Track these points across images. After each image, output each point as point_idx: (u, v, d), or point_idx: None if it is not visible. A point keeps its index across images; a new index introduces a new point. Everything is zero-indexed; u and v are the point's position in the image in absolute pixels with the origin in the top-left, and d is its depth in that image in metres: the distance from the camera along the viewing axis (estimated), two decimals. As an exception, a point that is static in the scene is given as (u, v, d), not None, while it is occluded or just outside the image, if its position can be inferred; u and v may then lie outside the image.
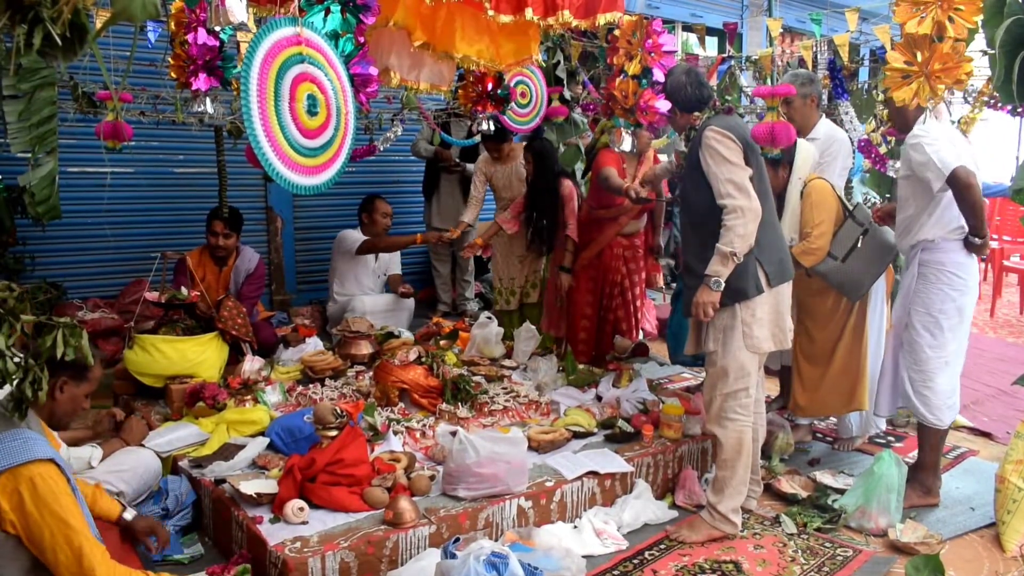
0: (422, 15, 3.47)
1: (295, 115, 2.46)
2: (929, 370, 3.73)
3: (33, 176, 4.34)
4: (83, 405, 2.73)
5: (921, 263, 3.74)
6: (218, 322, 4.62)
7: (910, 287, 3.78)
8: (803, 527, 3.55)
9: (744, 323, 3.35)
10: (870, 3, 7.98)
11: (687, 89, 3.49)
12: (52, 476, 2.34)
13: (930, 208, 3.67)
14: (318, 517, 3.08)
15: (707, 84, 3.58)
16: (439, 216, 6.90)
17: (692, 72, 3.54)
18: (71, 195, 5.65)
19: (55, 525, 2.30)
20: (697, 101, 3.51)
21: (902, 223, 3.83)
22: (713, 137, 3.28)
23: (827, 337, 4.16)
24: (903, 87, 3.38)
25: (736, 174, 3.25)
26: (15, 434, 2.37)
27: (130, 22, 1.45)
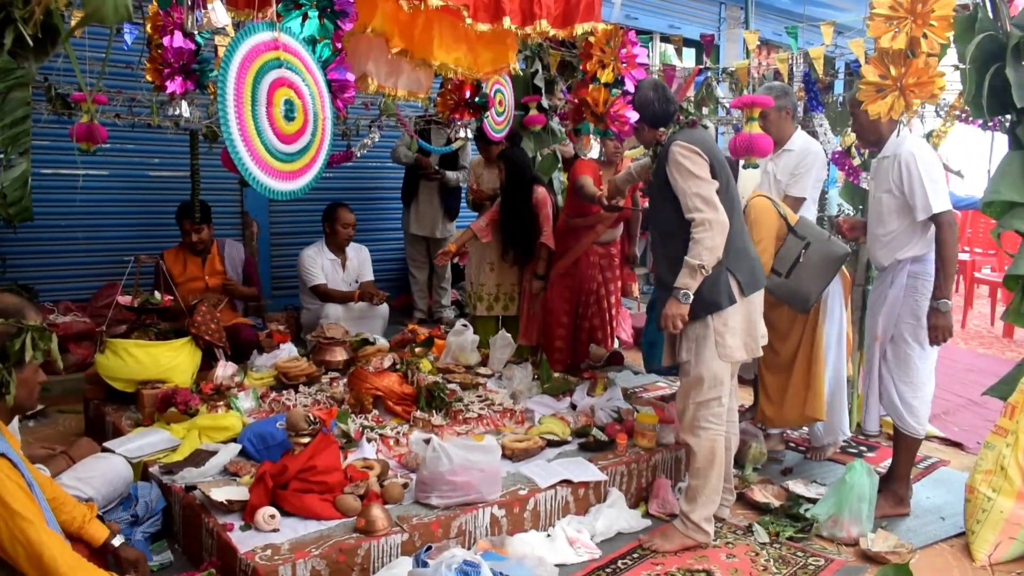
0: (400, 22, 3.46)
1: (272, 120, 2.45)
2: (918, 380, 3.76)
3: (5, 177, 4.25)
4: (38, 380, 2.64)
5: (910, 275, 3.73)
6: (191, 327, 4.58)
7: (897, 299, 3.76)
8: (776, 536, 3.57)
9: (717, 333, 3.36)
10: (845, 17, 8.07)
11: (654, 105, 3.51)
12: (4, 470, 2.31)
13: (916, 225, 3.66)
14: (289, 525, 3.05)
15: (674, 100, 3.59)
16: (417, 223, 6.89)
17: (660, 87, 3.57)
18: (44, 197, 5.59)
19: (8, 517, 2.27)
20: (663, 116, 3.52)
21: (883, 237, 3.80)
22: (679, 152, 3.31)
23: (788, 348, 4.18)
24: (877, 101, 3.42)
25: (703, 188, 3.27)
26: None
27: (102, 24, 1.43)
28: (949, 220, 3.57)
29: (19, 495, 2.30)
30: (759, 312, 3.49)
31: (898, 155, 3.66)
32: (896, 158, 3.67)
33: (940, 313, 3.61)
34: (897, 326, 3.77)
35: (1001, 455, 3.48)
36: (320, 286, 5.68)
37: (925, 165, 3.59)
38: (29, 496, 2.34)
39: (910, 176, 3.60)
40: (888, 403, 3.85)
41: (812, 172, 4.36)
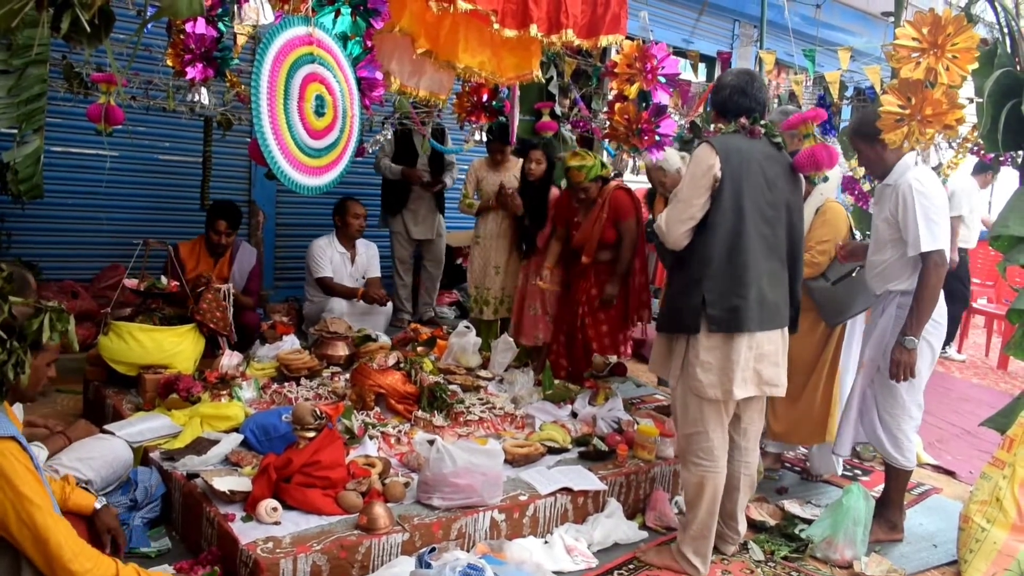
0: (427, 23, 3.47)
1: (303, 115, 2.46)
2: (904, 413, 3.74)
3: (18, 153, 4.27)
4: (47, 374, 2.64)
5: (899, 306, 3.68)
6: (196, 314, 4.58)
7: (886, 330, 3.72)
8: (770, 555, 3.59)
9: (688, 362, 3.26)
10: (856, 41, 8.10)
11: (725, 91, 3.32)
12: (13, 452, 2.30)
13: (908, 259, 3.59)
14: (291, 518, 3.06)
15: (757, 98, 3.30)
16: (417, 227, 6.79)
17: (744, 76, 3.34)
18: (53, 175, 5.57)
19: (16, 501, 2.25)
20: (731, 108, 3.30)
21: (877, 265, 3.74)
22: (698, 152, 3.21)
23: (799, 366, 4.15)
24: (896, 130, 3.44)
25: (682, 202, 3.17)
26: None
27: (175, 18, 1.45)
28: (937, 260, 3.47)
29: (28, 479, 2.29)
30: (740, 358, 3.18)
31: (898, 185, 3.57)
32: (896, 188, 3.58)
33: (905, 350, 3.53)
34: (885, 357, 3.71)
35: (997, 486, 3.50)
36: (326, 279, 5.68)
37: (923, 200, 3.48)
38: (38, 480, 2.33)
39: (905, 209, 3.52)
40: (871, 434, 3.83)
41: (827, 195, 4.37)
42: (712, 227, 3.16)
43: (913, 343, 3.52)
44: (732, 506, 3.51)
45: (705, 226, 3.18)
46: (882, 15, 10.48)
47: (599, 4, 3.84)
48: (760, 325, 3.20)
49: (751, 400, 3.39)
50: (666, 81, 3.94)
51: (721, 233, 3.15)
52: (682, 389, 3.32)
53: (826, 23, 10.02)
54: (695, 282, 3.19)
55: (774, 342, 3.29)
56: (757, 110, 3.29)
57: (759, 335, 3.22)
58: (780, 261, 3.31)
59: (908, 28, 3.36)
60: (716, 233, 3.15)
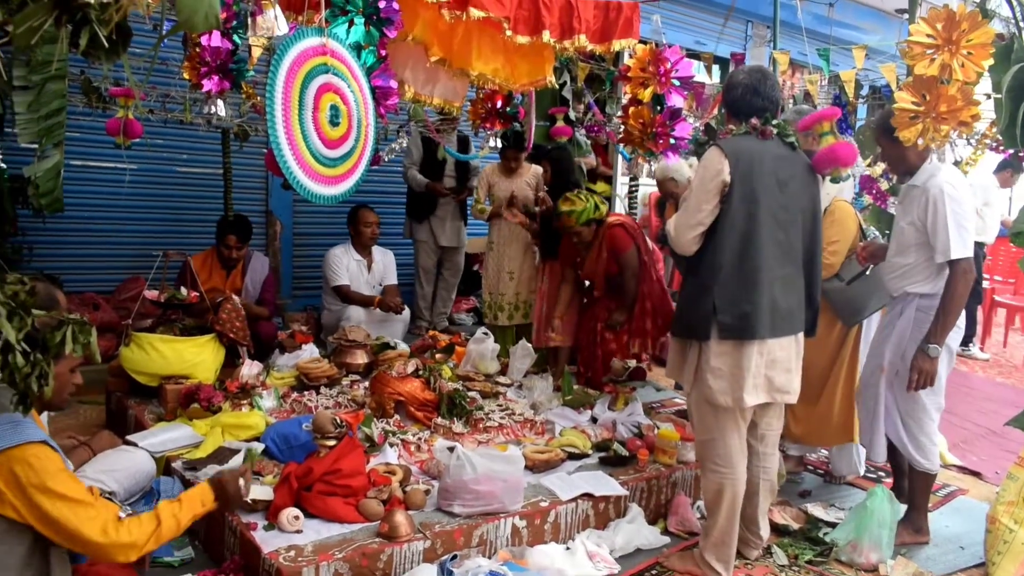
0: (440, 31, 3.48)
1: (318, 125, 2.47)
2: (925, 416, 3.69)
3: (38, 168, 4.31)
4: (73, 380, 2.67)
5: (919, 309, 3.63)
6: (216, 324, 4.61)
7: (904, 333, 3.67)
8: (794, 559, 3.56)
9: (699, 368, 3.22)
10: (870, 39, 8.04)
11: (737, 91, 3.23)
12: (48, 456, 2.35)
13: (933, 263, 3.55)
14: (313, 526, 3.07)
15: (769, 97, 3.21)
16: (445, 236, 6.83)
17: (756, 75, 3.23)
18: (72, 188, 5.62)
19: (57, 501, 2.30)
20: (743, 109, 3.21)
21: (899, 267, 3.69)
22: (707, 156, 3.17)
23: (817, 368, 4.12)
24: (910, 127, 3.41)
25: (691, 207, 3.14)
26: (5, 418, 2.36)
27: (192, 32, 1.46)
28: (965, 268, 3.43)
29: (62, 477, 2.34)
30: (752, 365, 3.13)
31: (928, 188, 3.50)
32: (926, 191, 3.51)
33: (927, 358, 3.48)
34: (903, 361, 3.66)
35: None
36: (343, 287, 5.71)
37: (955, 206, 3.43)
38: (72, 477, 2.38)
39: (935, 214, 3.45)
40: (896, 438, 3.78)
41: (843, 193, 4.34)
42: (722, 232, 3.10)
43: (936, 351, 3.47)
44: (753, 511, 3.48)
45: (715, 231, 3.12)
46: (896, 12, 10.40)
47: (611, 9, 3.85)
48: (772, 332, 3.14)
49: (768, 405, 3.35)
50: (680, 84, 3.94)
51: (732, 238, 3.09)
52: (696, 395, 3.30)
53: (840, 21, 9.96)
54: (706, 288, 3.14)
55: (786, 348, 3.23)
56: (770, 109, 3.21)
57: (771, 342, 3.16)
58: (795, 265, 3.25)
59: (922, 24, 3.34)
60: (726, 238, 3.10)
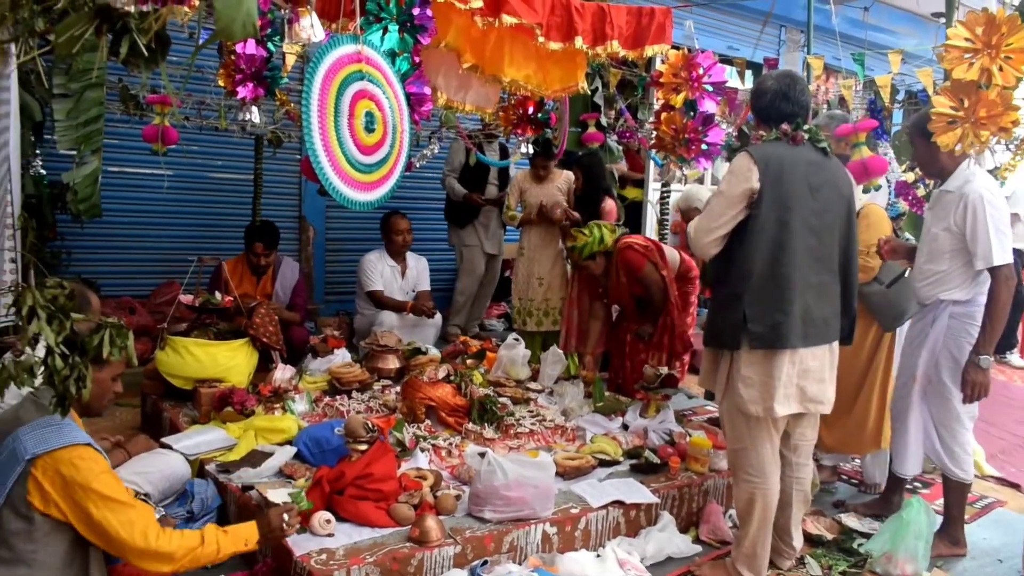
0: (472, 38, 3.50)
1: (353, 131, 2.49)
2: (959, 426, 3.65)
3: (77, 174, 4.40)
4: (114, 388, 2.71)
5: (952, 316, 3.59)
6: (249, 329, 4.65)
7: (938, 341, 3.64)
8: (828, 570, 3.51)
9: (730, 377, 3.19)
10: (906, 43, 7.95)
11: (766, 97, 3.19)
12: (92, 457, 2.40)
13: (969, 269, 3.52)
14: (344, 530, 3.08)
15: (799, 102, 3.16)
16: (489, 241, 6.81)
17: (786, 80, 3.19)
18: (109, 194, 5.71)
19: (100, 502, 2.35)
20: (773, 115, 3.17)
21: (931, 273, 3.64)
22: (735, 163, 3.12)
23: (852, 375, 4.09)
24: (948, 132, 3.37)
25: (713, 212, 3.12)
26: (50, 420, 2.42)
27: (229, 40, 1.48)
28: (1007, 274, 3.38)
29: (110, 480, 2.38)
30: (783, 374, 3.08)
31: (965, 194, 3.46)
32: (963, 197, 3.46)
33: (979, 369, 3.43)
34: (937, 369, 3.63)
35: (1065, 499, 3.40)
36: (376, 292, 5.74)
37: (994, 212, 3.40)
38: (116, 479, 2.42)
39: (975, 220, 3.41)
40: (930, 448, 3.75)
41: (877, 199, 4.31)
42: (752, 240, 3.06)
43: (988, 361, 3.43)
44: (786, 521, 3.43)
45: (746, 238, 3.08)
46: (932, 16, 10.28)
47: (644, 14, 3.84)
48: (805, 341, 3.09)
49: (802, 415, 3.29)
50: (713, 89, 3.92)
51: (762, 246, 3.05)
52: (727, 404, 3.27)
53: (875, 26, 9.86)
54: (736, 297, 3.10)
55: (819, 358, 3.17)
56: (800, 114, 3.17)
57: (803, 351, 3.10)
58: (830, 272, 3.20)
59: (960, 28, 3.30)
60: (757, 246, 3.05)
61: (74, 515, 2.36)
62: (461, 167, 6.57)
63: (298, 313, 5.42)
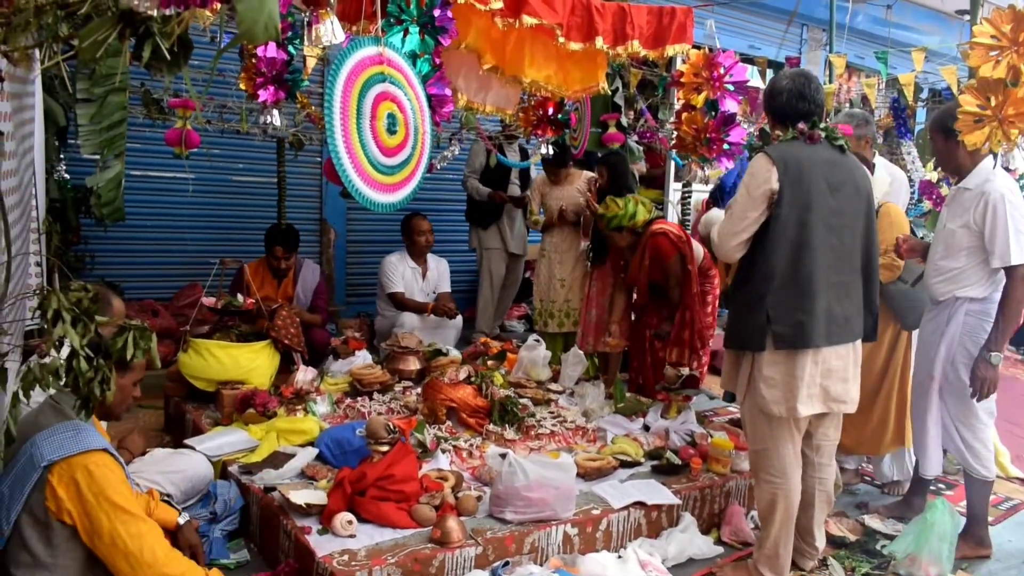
0: (493, 39, 3.51)
1: (375, 133, 2.49)
2: (978, 423, 3.63)
3: (100, 178, 4.42)
4: (133, 394, 2.72)
5: (968, 313, 3.58)
6: (271, 331, 4.67)
7: (954, 339, 3.62)
8: (851, 572, 3.49)
9: (752, 377, 3.18)
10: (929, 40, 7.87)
11: (781, 97, 3.16)
12: (107, 464, 2.39)
13: (985, 267, 3.51)
14: (366, 531, 3.09)
15: (814, 100, 3.14)
16: (514, 241, 6.79)
17: (801, 79, 3.17)
18: (132, 198, 5.77)
19: (112, 511, 2.33)
20: (789, 114, 3.15)
21: (946, 270, 3.63)
22: (753, 164, 3.10)
23: (869, 376, 4.04)
24: (975, 131, 3.34)
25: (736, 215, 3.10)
26: (68, 425, 2.41)
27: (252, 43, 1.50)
28: (1023, 274, 3.39)
29: (120, 488, 2.38)
30: (806, 374, 3.07)
31: (985, 193, 3.46)
32: (983, 196, 3.46)
33: (989, 366, 3.43)
34: (954, 366, 3.62)
35: (1093, 501, 3.36)
36: (397, 294, 5.75)
37: (1013, 211, 3.39)
38: (130, 489, 2.42)
39: (995, 219, 3.41)
40: (952, 446, 3.73)
41: (899, 198, 4.27)
42: (773, 240, 3.04)
43: (999, 359, 3.42)
44: (808, 522, 3.41)
45: (766, 240, 3.06)
46: (956, 13, 10.19)
47: (664, 14, 3.83)
48: (828, 340, 3.07)
49: (824, 415, 3.27)
50: (734, 89, 3.90)
51: (783, 246, 3.03)
52: (749, 405, 3.25)
53: (898, 24, 9.79)
54: (759, 298, 3.09)
55: (843, 357, 3.16)
56: (816, 112, 3.15)
57: (826, 350, 3.09)
58: (852, 270, 3.18)
59: (986, 26, 3.27)
60: (778, 246, 3.04)
61: (82, 523, 2.34)
62: (482, 168, 6.57)
63: (319, 315, 5.44)
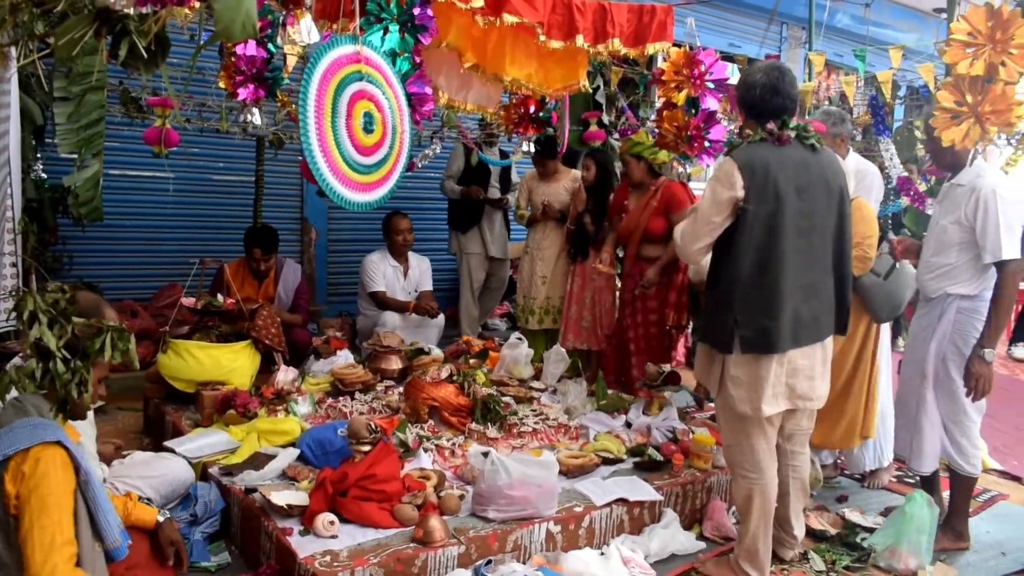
0: (473, 37, 3.50)
1: (351, 132, 2.48)
2: (966, 419, 3.65)
3: (78, 177, 4.39)
4: (98, 392, 2.67)
5: (959, 310, 3.60)
6: (252, 331, 4.65)
7: (945, 335, 3.64)
8: (832, 565, 3.51)
9: (722, 375, 3.18)
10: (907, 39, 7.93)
11: (755, 91, 3.08)
12: (55, 458, 2.24)
13: (977, 263, 3.52)
14: (348, 532, 3.08)
15: (788, 95, 3.07)
16: (494, 245, 6.72)
17: (775, 72, 3.09)
18: (111, 197, 5.70)
19: (38, 509, 2.18)
20: (763, 109, 3.08)
21: (938, 267, 3.65)
22: (719, 169, 3.06)
23: (839, 374, 4.03)
24: (952, 127, 3.37)
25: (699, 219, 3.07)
26: (26, 422, 2.32)
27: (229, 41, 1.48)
28: (1014, 269, 3.41)
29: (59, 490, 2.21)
30: (770, 375, 3.07)
31: (977, 188, 3.47)
32: (974, 191, 3.47)
33: (984, 362, 3.44)
34: (944, 364, 3.64)
35: (1069, 493, 3.40)
36: (379, 293, 5.74)
37: (1005, 207, 3.40)
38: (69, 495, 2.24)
39: (986, 215, 3.42)
40: (939, 443, 3.74)
41: (872, 193, 4.29)
42: (740, 246, 3.02)
43: (992, 355, 3.44)
44: (786, 511, 3.43)
45: (733, 245, 3.04)
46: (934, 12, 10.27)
47: (645, 12, 3.84)
48: (794, 343, 3.07)
49: (794, 410, 3.28)
50: (715, 86, 3.91)
51: (749, 252, 3.01)
52: (721, 402, 3.27)
53: (876, 22, 9.86)
54: (727, 301, 3.08)
55: (809, 356, 3.15)
56: (789, 108, 3.08)
57: (792, 351, 3.09)
58: (823, 270, 3.16)
59: (962, 23, 3.30)
60: (744, 252, 3.02)
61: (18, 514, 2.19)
62: (460, 173, 6.52)
63: (300, 315, 5.41)
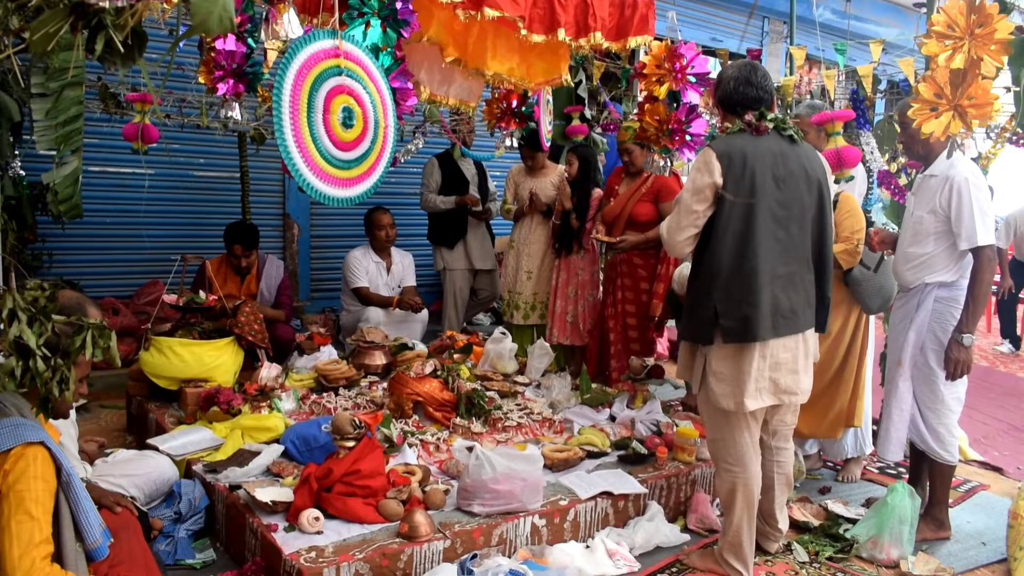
0: (455, 32, 3.49)
1: (328, 127, 2.47)
2: (944, 408, 3.68)
3: (57, 175, 4.35)
4: (80, 390, 2.65)
5: (937, 299, 3.63)
6: (235, 327, 4.63)
7: (923, 324, 3.67)
8: (815, 556, 3.54)
9: (705, 370, 3.18)
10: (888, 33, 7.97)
11: (729, 85, 3.14)
12: (36, 457, 2.21)
13: (953, 251, 3.56)
14: (333, 527, 3.08)
15: (762, 88, 3.13)
16: (481, 259, 6.60)
17: (746, 67, 3.16)
18: (91, 194, 5.69)
19: (15, 504, 2.15)
20: (737, 101, 3.13)
21: (915, 257, 3.68)
22: (699, 158, 3.09)
23: (829, 364, 4.11)
24: (931, 119, 3.39)
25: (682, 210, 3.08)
26: (7, 422, 2.28)
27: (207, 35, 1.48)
28: (990, 255, 3.46)
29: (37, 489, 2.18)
30: (752, 368, 3.07)
31: (950, 178, 3.51)
32: (948, 181, 3.51)
33: (962, 347, 3.48)
34: (923, 352, 3.67)
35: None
36: (362, 289, 5.72)
37: (978, 194, 3.45)
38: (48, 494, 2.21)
39: (960, 203, 3.46)
40: (914, 430, 3.77)
41: (855, 188, 4.31)
42: (719, 235, 3.04)
43: (971, 340, 3.48)
44: (770, 505, 3.45)
45: (712, 235, 3.06)
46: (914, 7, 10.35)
47: (627, 6, 3.84)
48: (775, 332, 3.07)
49: (780, 404, 3.29)
50: (696, 80, 3.92)
51: (728, 241, 3.03)
52: (703, 397, 3.27)
53: (857, 16, 9.91)
54: (707, 292, 3.10)
55: (791, 349, 3.15)
56: (766, 99, 3.13)
57: (773, 343, 3.09)
58: (801, 262, 3.15)
59: (941, 15, 3.32)
60: (723, 241, 3.04)
61: None
62: (439, 186, 6.39)
63: (283, 311, 5.39)
